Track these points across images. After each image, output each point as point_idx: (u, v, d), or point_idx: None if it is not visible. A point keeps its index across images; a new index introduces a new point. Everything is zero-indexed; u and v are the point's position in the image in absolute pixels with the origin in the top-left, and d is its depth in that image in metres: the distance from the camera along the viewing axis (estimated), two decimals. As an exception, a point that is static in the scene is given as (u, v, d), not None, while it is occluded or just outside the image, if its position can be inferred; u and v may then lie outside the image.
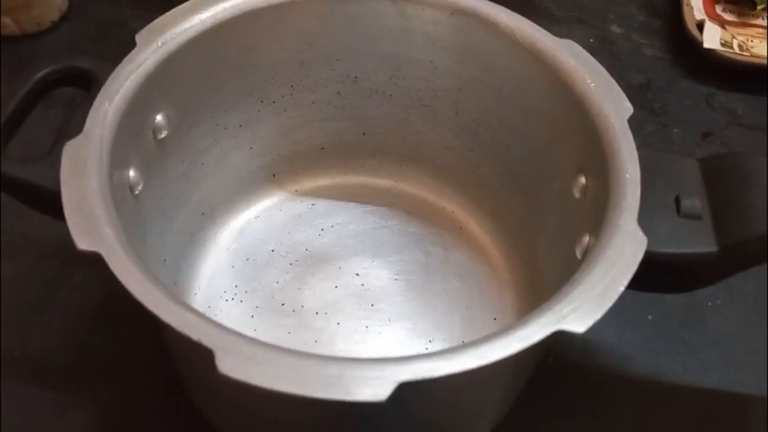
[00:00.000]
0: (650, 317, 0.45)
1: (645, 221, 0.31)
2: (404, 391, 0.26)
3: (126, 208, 0.33)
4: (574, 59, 0.37)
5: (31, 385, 0.40)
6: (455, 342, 0.40)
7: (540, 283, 0.39)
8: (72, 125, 0.33)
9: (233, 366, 0.26)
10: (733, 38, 0.59)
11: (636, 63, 0.60)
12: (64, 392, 0.40)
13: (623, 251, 0.30)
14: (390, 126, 0.45)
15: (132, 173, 0.35)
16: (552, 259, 0.38)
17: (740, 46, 0.58)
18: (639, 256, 0.30)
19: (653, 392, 0.42)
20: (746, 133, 0.56)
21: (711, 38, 0.58)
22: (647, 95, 0.58)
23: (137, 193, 0.35)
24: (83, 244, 0.29)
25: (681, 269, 0.33)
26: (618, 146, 0.33)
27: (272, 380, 0.26)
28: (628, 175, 0.32)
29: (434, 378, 0.26)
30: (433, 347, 0.40)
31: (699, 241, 0.32)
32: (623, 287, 0.29)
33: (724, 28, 0.59)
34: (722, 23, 0.60)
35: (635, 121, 0.34)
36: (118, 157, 0.33)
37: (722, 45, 0.58)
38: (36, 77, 0.36)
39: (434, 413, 0.33)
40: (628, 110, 0.34)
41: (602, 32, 0.63)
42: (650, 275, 0.30)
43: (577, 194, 0.36)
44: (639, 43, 0.62)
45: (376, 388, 0.25)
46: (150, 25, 0.36)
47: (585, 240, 0.34)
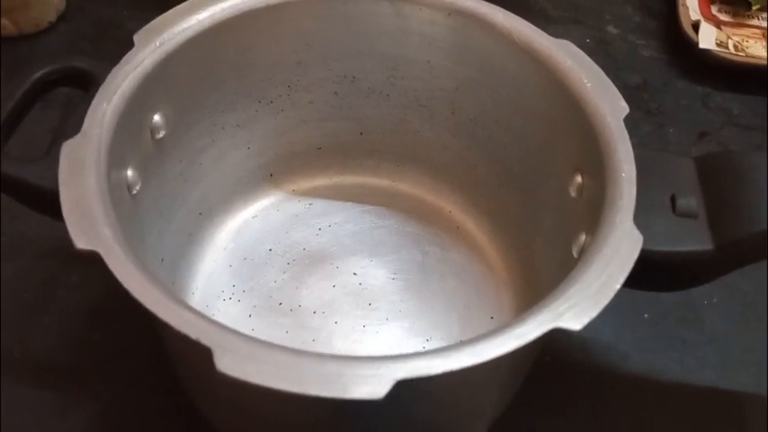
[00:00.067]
0: (647, 315, 0.45)
1: (641, 220, 0.31)
2: (401, 389, 0.26)
3: (124, 207, 0.33)
4: (570, 59, 0.37)
5: (30, 385, 0.40)
6: (453, 341, 0.39)
7: (537, 281, 0.39)
8: (70, 125, 0.33)
9: (231, 364, 0.26)
10: (728, 38, 0.59)
11: (632, 63, 0.60)
12: (64, 392, 0.40)
13: (619, 249, 0.30)
14: (388, 126, 0.45)
15: (130, 172, 0.35)
16: (549, 258, 0.38)
17: (735, 46, 0.58)
18: (635, 254, 0.30)
19: (650, 391, 0.42)
20: (742, 133, 0.56)
21: (707, 38, 0.58)
22: (643, 96, 0.58)
23: (135, 192, 0.35)
24: (81, 243, 0.29)
25: (676, 267, 0.33)
26: (614, 145, 0.33)
27: (270, 378, 0.26)
28: (624, 174, 0.32)
29: (431, 376, 0.26)
30: (430, 346, 0.40)
31: (694, 239, 0.32)
32: (619, 285, 0.29)
33: (719, 28, 0.60)
34: (718, 24, 0.60)
35: (631, 121, 0.34)
36: (116, 157, 0.33)
37: (718, 45, 0.58)
38: (34, 77, 0.36)
39: (432, 411, 0.33)
40: (624, 109, 0.35)
41: (599, 33, 0.63)
42: (646, 274, 0.31)
43: (574, 193, 0.36)
44: (635, 44, 0.62)
45: (373, 386, 0.25)
46: (148, 26, 0.37)
47: (582, 239, 0.34)
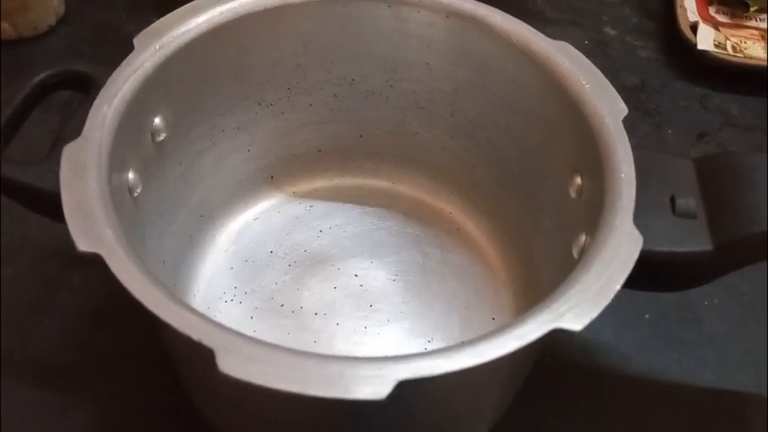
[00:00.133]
0: (647, 316, 0.45)
1: (640, 221, 0.31)
2: (403, 390, 0.26)
3: (125, 210, 0.33)
4: (568, 61, 0.37)
5: (31, 386, 0.40)
6: (453, 342, 0.39)
7: (537, 282, 0.40)
8: (70, 128, 0.33)
9: (233, 366, 0.26)
10: (726, 39, 0.59)
11: (630, 64, 0.60)
12: (64, 393, 0.40)
13: (619, 250, 0.30)
14: (387, 128, 0.45)
15: (131, 175, 0.35)
16: (549, 259, 0.38)
17: (734, 47, 0.59)
18: (635, 255, 0.30)
19: (650, 391, 0.42)
20: (741, 134, 0.56)
21: (705, 39, 0.58)
22: (641, 97, 0.58)
23: (135, 195, 0.35)
24: (83, 245, 0.29)
25: (676, 268, 0.33)
26: (613, 146, 0.33)
27: (273, 379, 0.26)
28: (623, 176, 0.32)
29: (433, 376, 0.26)
30: (431, 347, 0.40)
31: (694, 240, 0.33)
32: (619, 286, 0.29)
33: (717, 29, 0.60)
34: (716, 25, 0.60)
35: (630, 122, 0.34)
36: (117, 160, 0.33)
37: (716, 46, 0.58)
38: (35, 81, 0.36)
39: (433, 412, 0.33)
40: (622, 111, 0.35)
41: (597, 34, 0.63)
42: (646, 274, 0.31)
43: (573, 194, 0.36)
44: (633, 45, 0.62)
45: (375, 386, 0.26)
46: (148, 29, 0.37)
47: (582, 240, 0.34)
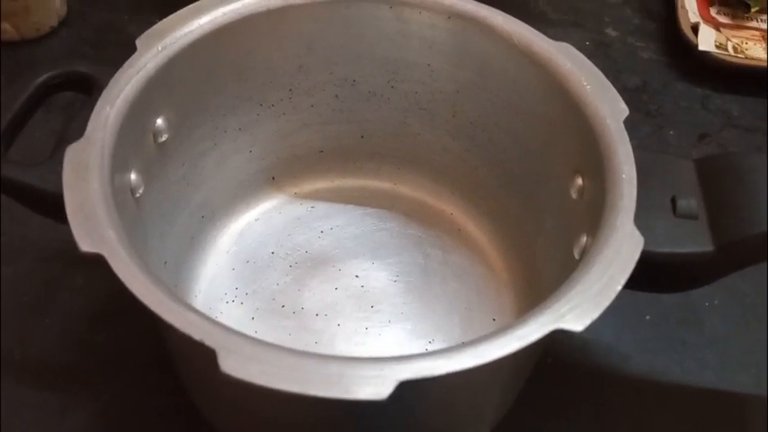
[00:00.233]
0: (648, 317, 0.45)
1: (641, 222, 0.31)
2: (404, 390, 0.26)
3: (127, 211, 0.33)
4: (570, 62, 0.37)
5: (31, 386, 0.40)
6: (454, 343, 0.39)
7: (539, 283, 0.40)
8: (72, 129, 0.34)
9: (235, 366, 0.26)
10: (728, 40, 0.59)
11: (631, 66, 0.60)
12: (64, 393, 0.40)
13: (620, 251, 0.30)
14: (388, 129, 0.45)
15: (133, 176, 0.35)
16: (550, 259, 0.38)
17: (735, 48, 0.59)
18: (636, 255, 0.30)
19: (651, 392, 0.42)
20: (742, 135, 0.56)
21: (706, 40, 0.59)
22: (642, 98, 0.58)
23: (138, 195, 0.35)
24: (85, 246, 0.29)
25: (677, 269, 0.33)
26: (614, 147, 0.33)
27: (274, 379, 0.26)
28: (624, 176, 0.32)
29: (434, 377, 0.26)
30: (432, 348, 0.40)
31: (695, 241, 0.33)
32: (620, 286, 0.29)
33: (719, 30, 0.60)
34: (717, 26, 0.60)
35: (631, 123, 0.34)
36: (119, 161, 0.33)
37: (717, 47, 0.58)
38: (37, 82, 0.36)
39: (434, 413, 0.33)
40: (623, 111, 0.35)
41: (598, 35, 0.63)
42: (647, 275, 0.31)
43: (574, 195, 0.36)
44: (635, 46, 0.62)
45: (376, 387, 0.26)
46: (150, 30, 0.37)
47: (583, 241, 0.34)
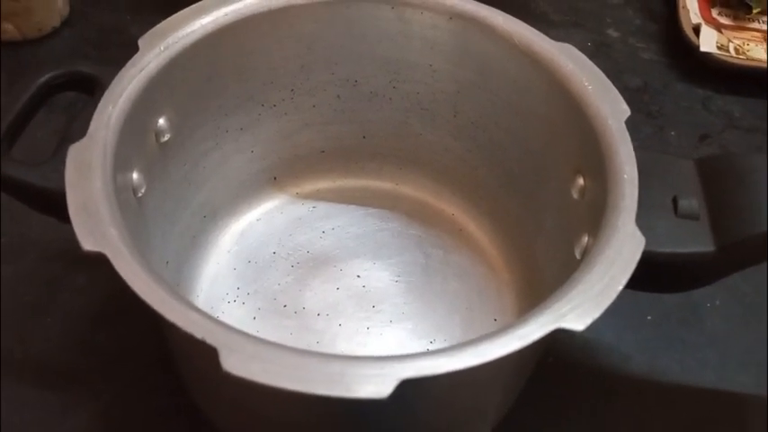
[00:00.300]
0: (649, 317, 0.45)
1: (643, 222, 0.31)
2: (405, 389, 0.26)
3: (129, 210, 0.33)
4: (571, 62, 0.37)
5: (32, 386, 0.40)
6: (456, 343, 0.40)
7: (540, 283, 0.40)
8: (75, 128, 0.34)
9: (237, 364, 0.26)
10: (729, 41, 0.59)
11: (633, 66, 0.60)
12: (65, 393, 0.40)
13: (622, 251, 0.30)
14: (390, 129, 0.45)
15: (135, 175, 0.35)
16: (551, 259, 0.39)
17: (736, 49, 0.59)
18: (637, 255, 0.30)
19: (652, 391, 0.42)
20: (743, 136, 0.56)
21: (708, 41, 0.59)
22: (643, 98, 0.58)
23: (140, 195, 0.35)
24: (88, 244, 0.29)
25: (678, 269, 0.33)
26: (615, 147, 0.34)
27: (276, 377, 0.26)
28: (625, 176, 0.32)
29: (435, 375, 0.26)
30: (433, 348, 0.40)
31: (696, 241, 0.33)
32: (622, 286, 0.29)
33: (720, 31, 0.60)
34: (718, 27, 0.60)
35: (632, 123, 0.34)
36: (121, 160, 0.33)
37: (718, 48, 0.58)
38: (40, 81, 0.36)
39: (435, 412, 0.33)
40: (625, 112, 0.35)
41: (599, 36, 0.63)
42: (648, 275, 0.31)
43: (576, 195, 0.36)
44: (636, 47, 0.62)
45: (378, 385, 0.26)
46: (152, 30, 0.37)
47: (584, 241, 0.34)
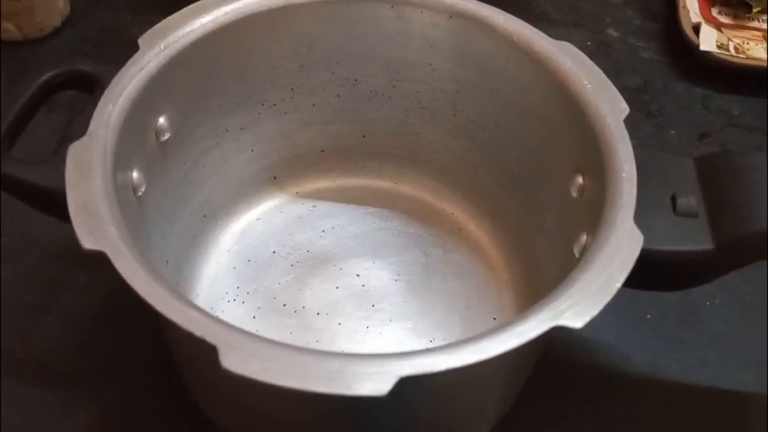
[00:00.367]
0: (649, 316, 0.45)
1: (641, 220, 0.31)
2: (404, 387, 0.26)
3: (129, 209, 0.33)
4: (570, 61, 0.37)
5: (32, 385, 0.40)
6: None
7: (539, 282, 0.40)
8: (75, 127, 0.34)
9: (236, 362, 0.26)
10: (729, 40, 0.59)
11: (633, 66, 0.60)
12: (65, 393, 0.40)
13: (620, 249, 0.30)
14: (390, 128, 0.45)
15: (135, 174, 0.35)
16: (551, 258, 0.39)
17: (736, 48, 0.59)
18: (636, 253, 0.30)
19: (652, 391, 0.42)
20: (742, 134, 0.56)
21: (707, 40, 0.59)
22: (643, 97, 0.58)
23: (140, 194, 0.35)
24: (87, 243, 0.29)
25: (677, 266, 0.33)
26: (614, 146, 0.34)
27: (275, 375, 0.26)
28: (624, 175, 0.32)
29: (434, 373, 0.26)
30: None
31: (695, 239, 0.33)
32: (620, 284, 0.29)
33: (720, 30, 0.60)
34: (718, 26, 0.60)
35: (632, 122, 0.35)
36: (121, 159, 0.33)
37: (718, 47, 0.58)
38: (40, 80, 0.36)
39: (435, 409, 0.33)
40: (624, 110, 0.35)
41: (599, 36, 0.63)
42: (647, 273, 0.31)
43: (575, 194, 0.36)
44: (636, 46, 0.62)
45: (377, 383, 0.26)
46: (153, 29, 0.37)
47: (583, 239, 0.34)
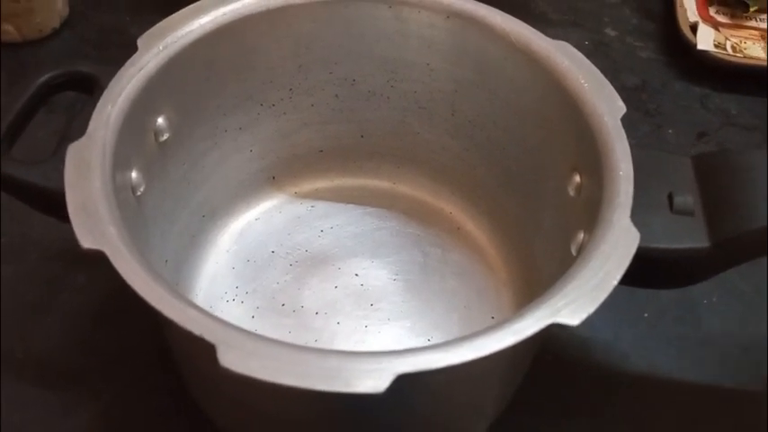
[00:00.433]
0: (647, 315, 0.45)
1: (638, 218, 0.31)
2: (402, 384, 0.26)
3: (128, 209, 0.33)
4: (568, 60, 0.37)
5: (32, 385, 0.40)
6: None
7: (538, 281, 0.40)
8: (74, 128, 0.34)
9: (234, 360, 0.26)
10: (726, 39, 0.59)
11: (630, 65, 0.61)
12: (66, 392, 0.40)
13: (617, 246, 0.30)
14: (388, 128, 0.45)
15: (134, 174, 0.35)
16: (549, 257, 0.39)
17: (733, 47, 0.59)
18: (632, 251, 0.30)
19: (649, 389, 0.42)
20: (740, 133, 0.56)
21: (705, 40, 0.59)
22: (641, 97, 0.58)
23: (139, 194, 0.35)
24: (87, 242, 0.29)
25: (673, 264, 0.33)
26: (612, 144, 0.34)
27: (274, 373, 0.26)
28: (621, 173, 0.33)
29: (432, 370, 0.26)
30: (431, 346, 0.41)
31: (691, 237, 0.33)
32: (616, 281, 0.29)
33: (717, 30, 0.60)
34: (715, 25, 0.60)
35: (630, 122, 0.35)
36: (120, 159, 0.33)
37: (716, 47, 0.58)
38: (39, 81, 0.36)
39: (432, 407, 0.34)
40: (621, 109, 0.35)
41: (597, 35, 0.63)
42: (643, 271, 0.31)
43: (572, 193, 0.37)
44: (634, 45, 0.62)
45: (375, 380, 0.26)
46: (151, 29, 0.37)
47: (580, 237, 0.34)
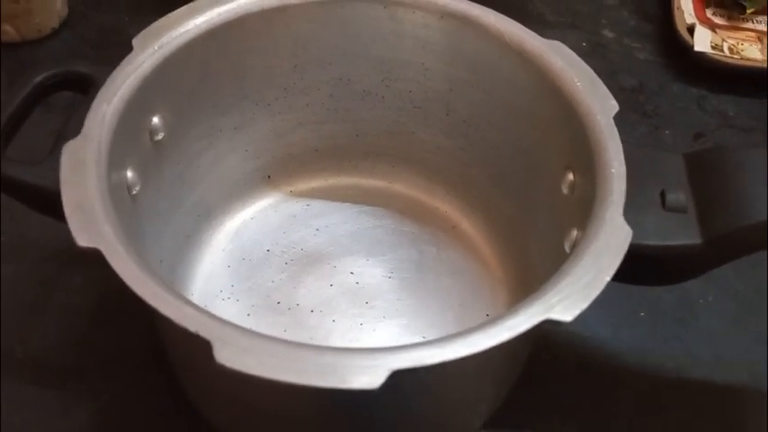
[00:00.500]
0: (643, 314, 0.45)
1: (631, 215, 0.31)
2: (397, 380, 0.26)
3: (124, 208, 0.33)
4: (561, 60, 0.37)
5: (31, 385, 0.41)
6: None
7: (532, 279, 0.40)
8: (70, 127, 0.34)
9: (230, 357, 0.26)
10: (723, 41, 0.59)
11: (628, 67, 0.61)
12: (64, 392, 0.40)
13: (609, 243, 0.30)
14: (383, 128, 0.46)
15: (130, 173, 0.35)
16: (543, 255, 0.39)
17: (731, 49, 0.59)
18: (625, 247, 0.30)
19: (646, 388, 0.42)
20: (737, 135, 0.56)
21: (702, 41, 0.59)
22: (639, 98, 0.58)
23: (134, 193, 0.36)
24: (82, 241, 0.29)
25: (666, 261, 0.33)
26: (604, 143, 0.34)
27: (269, 369, 0.26)
28: (614, 171, 0.33)
29: (427, 366, 0.27)
30: (426, 344, 0.41)
31: (684, 234, 0.33)
32: (609, 278, 0.29)
33: (714, 31, 0.60)
34: (712, 27, 0.61)
35: (627, 123, 0.35)
36: (116, 158, 0.33)
37: (713, 48, 0.59)
38: (35, 81, 0.37)
39: (427, 403, 0.34)
40: (614, 107, 0.35)
41: (595, 37, 0.63)
42: (636, 268, 0.31)
43: (566, 191, 0.37)
44: (631, 47, 0.62)
45: (370, 376, 0.26)
46: (147, 29, 0.37)
47: (574, 235, 0.34)
